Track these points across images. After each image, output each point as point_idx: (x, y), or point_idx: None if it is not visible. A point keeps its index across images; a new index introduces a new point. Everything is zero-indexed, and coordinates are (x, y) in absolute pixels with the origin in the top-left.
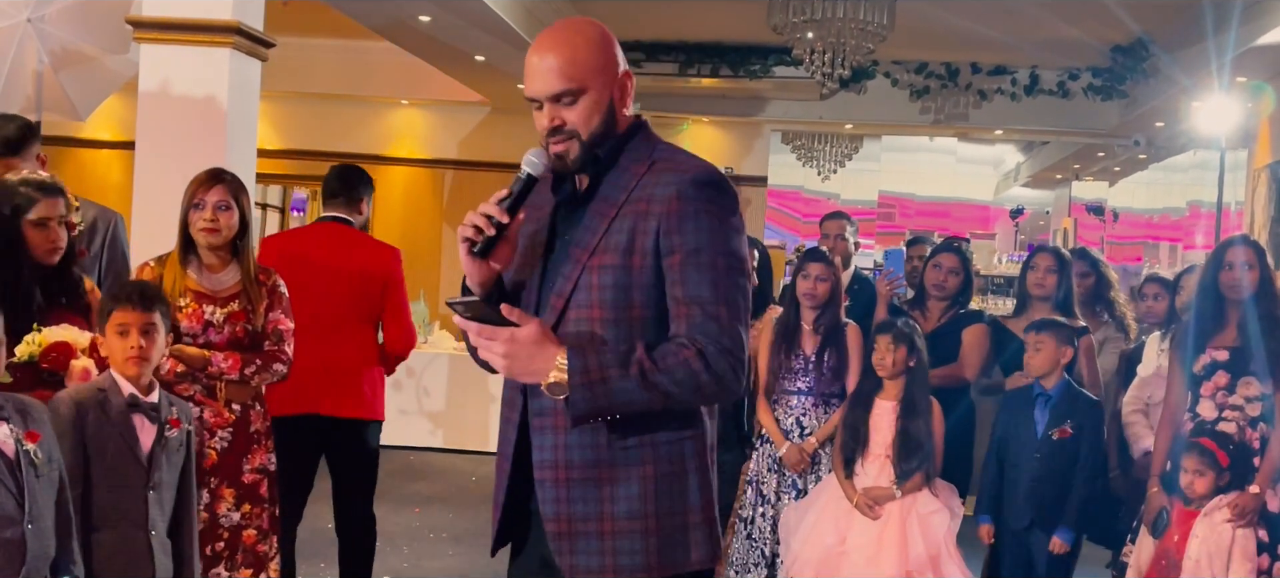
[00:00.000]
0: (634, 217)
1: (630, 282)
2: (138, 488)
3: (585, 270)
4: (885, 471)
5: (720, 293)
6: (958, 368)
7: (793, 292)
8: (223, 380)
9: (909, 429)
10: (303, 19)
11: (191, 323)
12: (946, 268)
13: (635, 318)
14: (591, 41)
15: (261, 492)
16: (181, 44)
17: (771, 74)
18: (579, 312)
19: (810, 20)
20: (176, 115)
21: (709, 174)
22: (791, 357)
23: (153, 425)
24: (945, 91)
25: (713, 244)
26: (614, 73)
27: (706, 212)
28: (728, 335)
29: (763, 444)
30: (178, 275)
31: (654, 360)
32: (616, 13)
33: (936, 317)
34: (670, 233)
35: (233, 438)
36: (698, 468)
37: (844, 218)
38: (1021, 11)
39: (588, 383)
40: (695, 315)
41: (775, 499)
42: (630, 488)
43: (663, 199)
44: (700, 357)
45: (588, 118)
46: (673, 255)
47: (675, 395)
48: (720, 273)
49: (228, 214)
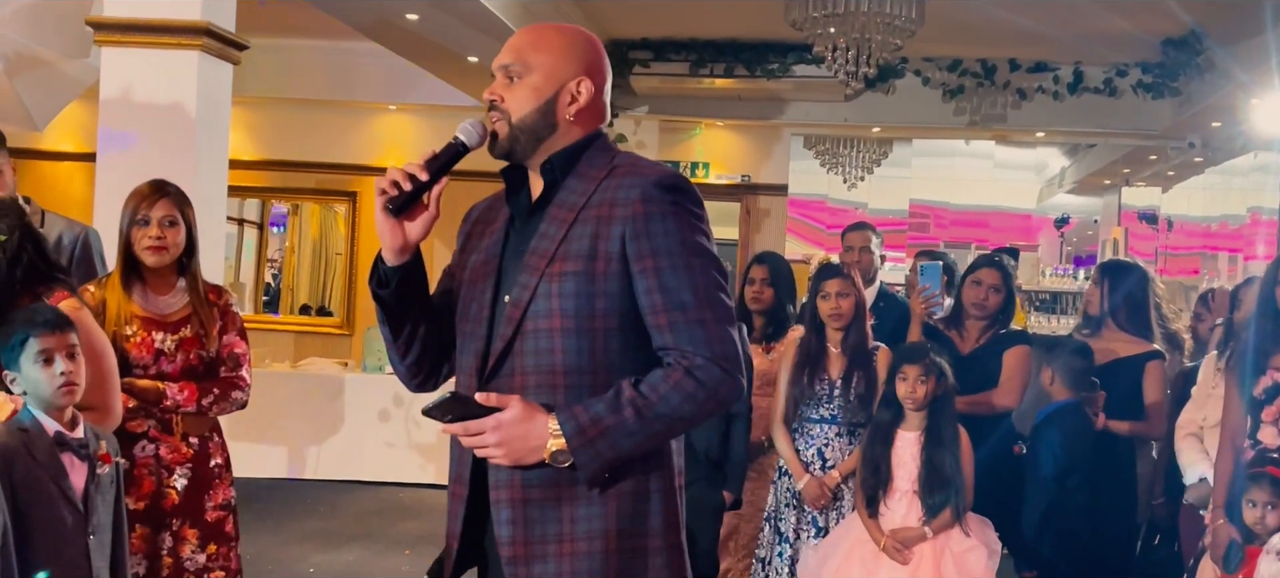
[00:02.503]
0: (595, 222)
1: (593, 289)
2: (77, 536)
3: (544, 278)
4: (913, 508)
5: (701, 296)
6: (997, 394)
7: (813, 312)
8: (179, 413)
9: (934, 462)
10: (280, 19)
11: (141, 353)
12: (988, 284)
13: (597, 327)
14: (561, 36)
15: (226, 529)
16: (146, 47)
17: (791, 74)
18: (537, 322)
19: (831, 15)
20: (141, 123)
21: (672, 176)
22: (815, 382)
23: (82, 463)
24: (981, 90)
25: (685, 246)
26: (568, 70)
27: (673, 213)
28: (717, 339)
29: (781, 477)
30: (121, 300)
31: (644, 394)
32: (623, 8)
33: (975, 338)
34: (638, 237)
35: (192, 474)
36: (661, 490)
37: (868, 229)
38: (1062, 3)
39: (588, 441)
40: (679, 323)
41: (794, 538)
42: (591, 508)
43: (626, 203)
44: (689, 375)
45: (522, 102)
46: (644, 261)
47: (678, 421)
48: (697, 274)
49: (174, 230)
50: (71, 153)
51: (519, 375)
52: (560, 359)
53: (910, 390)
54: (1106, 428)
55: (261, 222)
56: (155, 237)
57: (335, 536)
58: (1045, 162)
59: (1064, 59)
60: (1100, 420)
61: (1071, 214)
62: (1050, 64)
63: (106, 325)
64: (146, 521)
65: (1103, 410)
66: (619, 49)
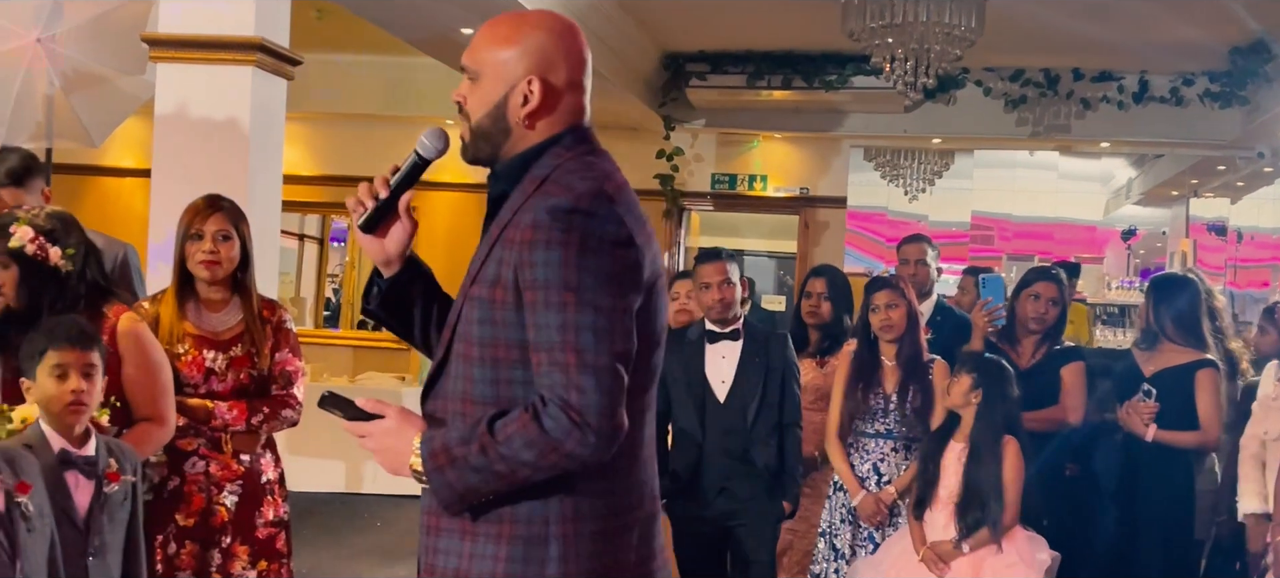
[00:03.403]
0: (504, 245)
1: (494, 316)
2: (76, 557)
3: (467, 302)
4: (953, 521)
5: (569, 337)
6: (1059, 411)
7: (866, 326)
8: (229, 432)
9: (971, 478)
10: (338, 35)
11: (191, 372)
12: (1046, 298)
13: (500, 357)
14: (513, 31)
15: (278, 546)
16: (201, 62)
17: (849, 85)
18: (460, 346)
19: (889, 25)
20: (195, 139)
21: (573, 200)
22: (869, 396)
23: (89, 482)
24: (1044, 101)
25: (564, 281)
26: (517, 72)
27: (561, 242)
28: (574, 388)
29: (836, 493)
30: (174, 317)
31: (494, 433)
32: (680, 21)
33: (1031, 353)
34: (523, 267)
35: (243, 490)
36: (562, 536)
37: (924, 241)
38: (1127, 11)
39: (438, 468)
40: (543, 364)
41: (851, 554)
42: (487, 547)
43: (521, 227)
44: (535, 420)
45: (476, 106)
46: (529, 293)
47: (521, 466)
48: (570, 312)
49: (228, 245)
50: (131, 169)
51: (443, 399)
52: (471, 388)
53: (945, 389)
54: (1157, 440)
55: (321, 237)
56: (208, 251)
57: (392, 551)
58: (1111, 172)
59: (1129, 68)
60: (1151, 432)
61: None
62: (1115, 73)
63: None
64: (196, 537)
65: (1154, 422)
66: (676, 62)
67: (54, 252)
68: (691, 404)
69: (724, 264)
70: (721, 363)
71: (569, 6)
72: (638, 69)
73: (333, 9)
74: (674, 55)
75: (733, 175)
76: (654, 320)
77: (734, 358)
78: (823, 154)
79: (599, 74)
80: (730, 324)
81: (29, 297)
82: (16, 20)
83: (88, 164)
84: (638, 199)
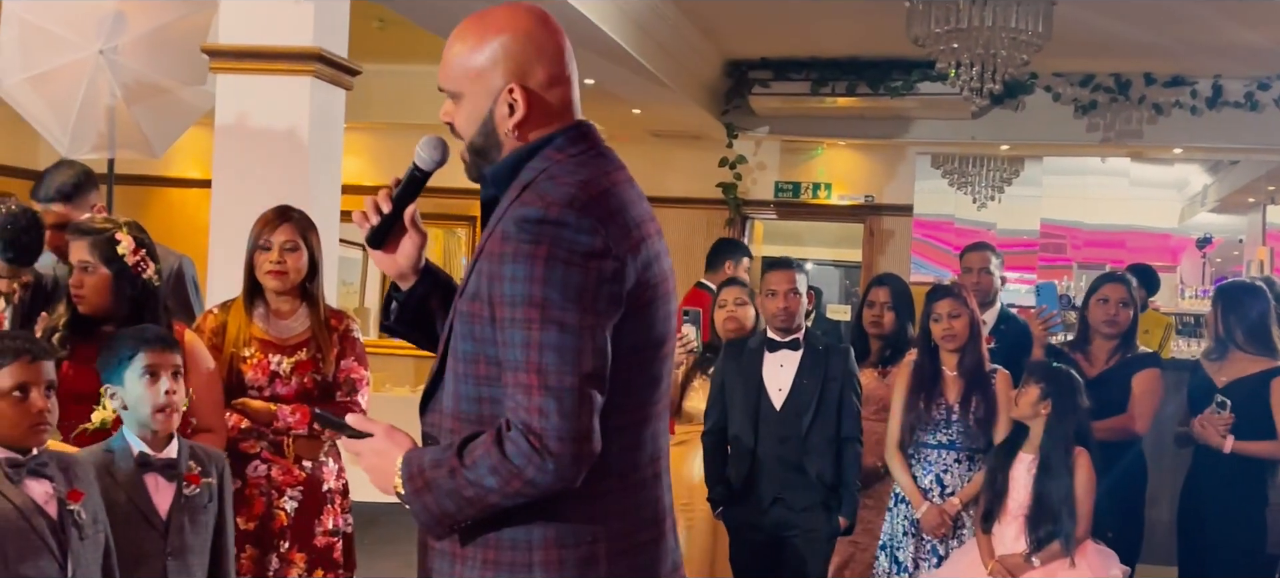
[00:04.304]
0: (485, 257)
1: (474, 332)
2: (155, 557)
3: (456, 316)
4: (1023, 534)
5: (531, 356)
6: (1128, 420)
7: (927, 335)
8: (290, 436)
9: (1042, 492)
10: (399, 45)
11: (256, 374)
12: (1116, 300)
13: (480, 374)
14: (480, 42)
15: (335, 556)
16: (260, 73)
17: (915, 91)
18: (450, 361)
19: (955, 30)
20: (255, 149)
21: (541, 208)
22: (932, 406)
23: (170, 484)
24: (1115, 106)
25: (528, 297)
26: (495, 83)
27: (527, 255)
28: (536, 411)
29: (897, 505)
30: (242, 323)
31: (463, 456)
32: (742, 28)
33: (1104, 359)
34: (494, 281)
35: (303, 498)
36: (545, 563)
37: (988, 249)
38: (1198, 15)
39: (416, 491)
40: (509, 384)
41: (914, 566)
42: (471, 571)
43: (495, 238)
44: (497, 444)
45: (464, 126)
46: (496, 310)
47: (488, 493)
48: (535, 330)
49: (296, 255)
50: (194, 179)
51: (436, 414)
52: (457, 404)
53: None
54: (1236, 451)
55: None
56: (275, 261)
57: None
58: (1186, 179)
59: (1202, 72)
60: (1229, 443)
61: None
62: (1187, 78)
63: (226, 347)
64: (256, 541)
65: (1231, 433)
66: (739, 69)
67: (150, 266)
68: (747, 412)
69: (793, 273)
70: (779, 372)
71: (631, 15)
72: (700, 77)
73: (396, 19)
74: (737, 62)
75: (796, 183)
76: (651, 329)
77: (792, 367)
78: (888, 161)
79: (661, 82)
80: (792, 334)
81: (115, 305)
82: (80, 32)
83: (150, 174)
84: (632, 202)
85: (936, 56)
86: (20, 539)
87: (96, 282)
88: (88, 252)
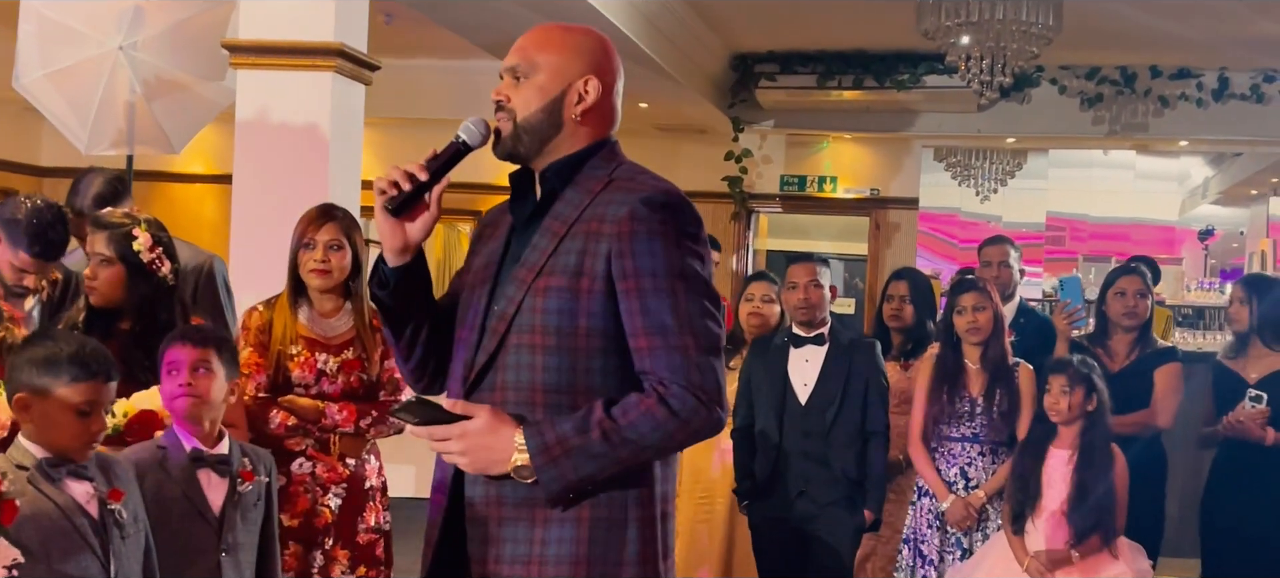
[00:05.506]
0: (584, 237)
1: (577, 307)
2: (208, 552)
3: (530, 292)
4: (1060, 529)
5: (683, 321)
6: (1150, 415)
7: (949, 328)
8: (337, 434)
9: (1086, 483)
10: (409, 39)
11: (303, 372)
12: (1133, 292)
13: (580, 346)
14: (568, 35)
15: (377, 553)
16: (280, 68)
17: (922, 84)
18: (521, 337)
19: (965, 23)
20: (276, 145)
21: (664, 194)
22: (955, 400)
23: (222, 480)
24: (1120, 99)
25: (669, 267)
26: (575, 70)
27: (661, 233)
28: (696, 368)
29: (922, 498)
30: (288, 321)
31: (614, 418)
32: (748, 21)
33: (1124, 353)
34: (622, 256)
35: (347, 495)
36: (640, 520)
37: (1006, 243)
38: (1205, 7)
39: (552, 460)
40: (658, 348)
41: (939, 560)
42: (565, 530)
43: (614, 220)
44: (661, 403)
45: (527, 101)
46: (626, 282)
47: (646, 449)
48: (681, 298)
49: (340, 254)
50: (203, 175)
51: (500, 390)
52: (541, 377)
53: (1054, 402)
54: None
55: None
56: (319, 260)
57: None
58: (1187, 172)
59: (1208, 65)
60: (1270, 435)
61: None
62: (1193, 70)
63: (272, 345)
64: (300, 538)
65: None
66: (744, 62)
67: (166, 265)
68: (772, 407)
69: (815, 266)
70: (804, 366)
71: (638, 8)
72: (706, 70)
73: (404, 13)
74: (743, 56)
75: (802, 177)
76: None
77: (817, 362)
78: (894, 155)
79: (667, 75)
80: (816, 328)
81: (127, 300)
82: (99, 28)
83: (159, 170)
84: None
85: (946, 49)
86: (63, 539)
87: (110, 275)
88: (104, 245)
